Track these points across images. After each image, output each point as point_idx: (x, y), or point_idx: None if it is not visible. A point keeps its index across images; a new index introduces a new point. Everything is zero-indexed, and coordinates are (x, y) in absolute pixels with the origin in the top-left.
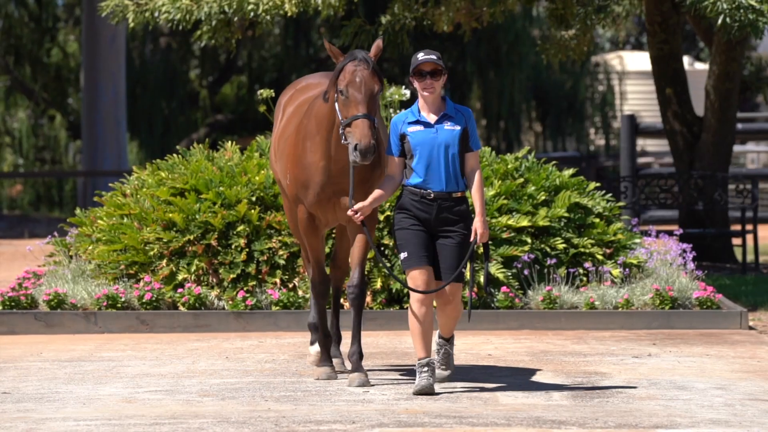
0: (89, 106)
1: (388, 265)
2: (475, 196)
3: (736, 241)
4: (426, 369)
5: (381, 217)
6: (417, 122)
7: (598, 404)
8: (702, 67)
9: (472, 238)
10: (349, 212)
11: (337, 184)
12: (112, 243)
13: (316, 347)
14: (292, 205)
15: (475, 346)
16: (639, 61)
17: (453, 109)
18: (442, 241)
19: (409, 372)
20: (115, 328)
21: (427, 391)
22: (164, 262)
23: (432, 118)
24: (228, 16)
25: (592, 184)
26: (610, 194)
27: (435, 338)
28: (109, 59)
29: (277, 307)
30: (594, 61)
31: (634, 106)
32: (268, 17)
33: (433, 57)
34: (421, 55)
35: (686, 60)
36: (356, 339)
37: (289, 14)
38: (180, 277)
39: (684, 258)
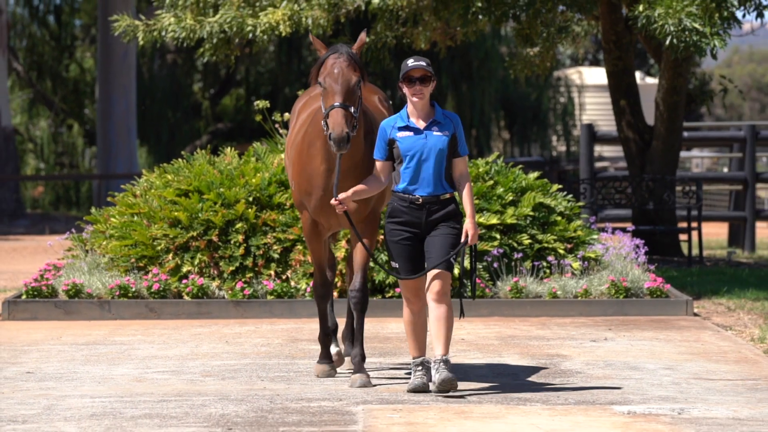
0: (103, 116)
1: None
2: (465, 200)
3: (683, 237)
4: (420, 368)
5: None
6: (406, 128)
7: (560, 383)
8: (652, 81)
9: (462, 239)
10: (333, 201)
11: (339, 189)
12: (124, 239)
13: (333, 348)
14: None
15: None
16: (596, 75)
17: (441, 115)
18: (431, 234)
19: (390, 354)
20: (126, 315)
21: (422, 389)
22: (170, 255)
23: (421, 124)
24: (228, 35)
25: (555, 186)
26: (570, 195)
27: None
28: (122, 74)
29: (272, 297)
30: (556, 76)
31: (591, 116)
32: (264, 36)
33: (423, 63)
34: (410, 62)
35: (638, 75)
36: (359, 341)
37: (283, 34)
38: (184, 269)
39: (636, 252)
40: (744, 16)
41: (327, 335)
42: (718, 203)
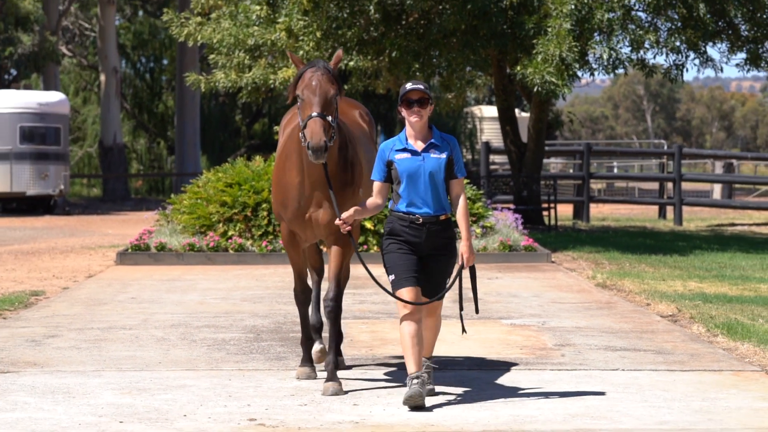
0: (179, 136)
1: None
2: (460, 222)
3: (545, 213)
4: (417, 381)
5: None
6: (404, 150)
7: (466, 306)
8: (526, 114)
9: (459, 262)
10: (337, 221)
11: (312, 199)
12: (191, 214)
13: (317, 346)
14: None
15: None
16: (491, 111)
17: (439, 137)
18: (430, 264)
19: (361, 287)
20: (193, 262)
21: (417, 400)
22: (221, 225)
23: (419, 146)
24: (258, 85)
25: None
26: (475, 186)
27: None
28: (191, 109)
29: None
30: (465, 111)
31: (488, 136)
32: (281, 85)
33: (421, 86)
34: (409, 85)
35: (517, 111)
36: (332, 349)
37: None
38: (230, 233)
39: (516, 223)
40: (582, 74)
41: (308, 339)
42: (566, 191)
